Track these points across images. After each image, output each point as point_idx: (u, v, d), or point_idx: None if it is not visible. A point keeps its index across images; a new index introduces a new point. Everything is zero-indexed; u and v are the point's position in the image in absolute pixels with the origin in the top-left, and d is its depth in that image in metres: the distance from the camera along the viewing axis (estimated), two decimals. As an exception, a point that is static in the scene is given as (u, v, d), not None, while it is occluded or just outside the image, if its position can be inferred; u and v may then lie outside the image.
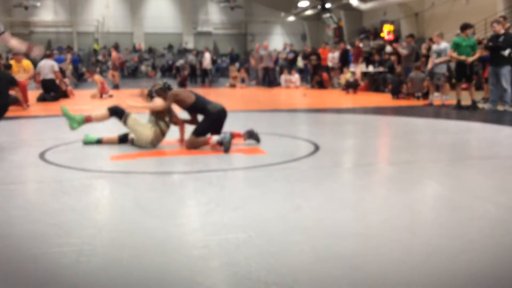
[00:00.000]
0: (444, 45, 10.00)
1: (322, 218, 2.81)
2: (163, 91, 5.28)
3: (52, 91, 12.54)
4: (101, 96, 13.28)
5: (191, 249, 2.34)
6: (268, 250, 2.31)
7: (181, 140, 5.36)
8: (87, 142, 5.40)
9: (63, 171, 4.14)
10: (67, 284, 1.99)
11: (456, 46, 9.35)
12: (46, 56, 13.01)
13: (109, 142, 5.35)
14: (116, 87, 16.97)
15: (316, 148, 5.07)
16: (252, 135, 5.38)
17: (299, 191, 3.46)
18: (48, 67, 12.64)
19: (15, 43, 5.38)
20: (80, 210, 3.04)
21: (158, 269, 2.13)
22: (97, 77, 13.98)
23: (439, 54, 9.93)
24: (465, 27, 9.36)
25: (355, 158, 4.95)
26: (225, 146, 4.89)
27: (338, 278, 2.03)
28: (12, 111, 9.29)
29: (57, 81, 12.89)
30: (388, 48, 14.90)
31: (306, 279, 2.01)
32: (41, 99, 12.09)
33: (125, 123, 5.21)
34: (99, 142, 5.40)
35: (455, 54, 9.36)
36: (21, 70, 10.78)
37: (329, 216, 2.85)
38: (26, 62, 10.73)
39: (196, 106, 5.21)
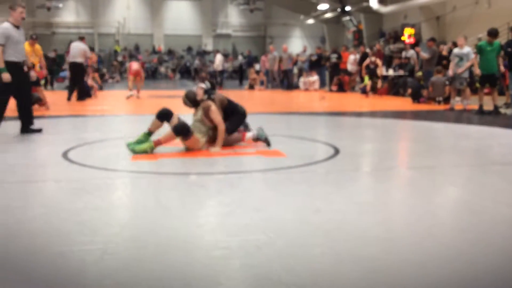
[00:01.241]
0: (467, 49, 9.89)
1: (342, 221, 2.81)
2: (207, 97, 5.24)
3: (78, 76, 12.39)
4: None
5: (213, 250, 2.36)
6: (288, 252, 2.33)
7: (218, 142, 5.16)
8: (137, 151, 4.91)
9: (86, 170, 4.21)
10: (93, 281, 2.03)
11: (480, 51, 9.23)
12: (80, 38, 13.01)
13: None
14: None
15: (336, 151, 5.07)
16: (259, 139, 5.41)
17: (319, 194, 3.47)
18: (79, 50, 12.45)
19: None
20: (103, 209, 3.09)
21: (180, 268, 2.16)
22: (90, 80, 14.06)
23: (461, 58, 9.82)
24: (494, 33, 9.18)
25: (375, 162, 4.94)
26: (267, 141, 5.30)
27: (358, 281, 2.03)
28: (34, 110, 9.46)
29: (88, 67, 12.87)
30: (411, 52, 14.76)
31: (326, 281, 2.02)
32: (70, 95, 12.24)
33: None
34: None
35: (476, 63, 9.25)
36: (33, 54, 10.90)
37: (349, 219, 2.86)
38: (38, 47, 10.84)
39: (228, 107, 5.40)
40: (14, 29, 6.10)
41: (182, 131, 4.84)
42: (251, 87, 19.46)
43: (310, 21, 31.13)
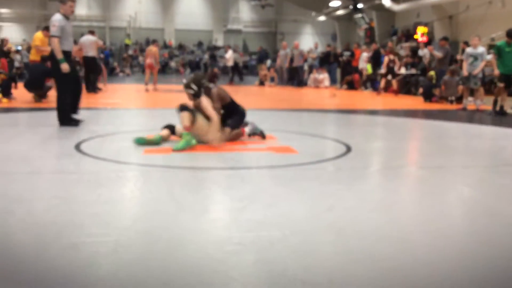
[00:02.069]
0: (481, 49, 9.79)
1: (355, 219, 2.79)
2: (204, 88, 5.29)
3: (93, 70, 12.52)
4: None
5: (226, 245, 2.35)
6: (302, 249, 2.31)
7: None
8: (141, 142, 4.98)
9: (98, 163, 4.21)
10: (106, 273, 2.03)
11: (498, 51, 9.09)
12: (90, 32, 13.14)
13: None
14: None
15: (348, 149, 5.04)
16: (255, 133, 5.55)
17: (331, 191, 3.45)
18: (90, 44, 12.57)
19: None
20: (116, 202, 3.10)
21: (193, 262, 2.16)
22: None
23: (475, 58, 9.73)
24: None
25: (387, 161, 4.90)
26: (262, 133, 5.51)
27: (372, 280, 2.01)
28: (46, 102, 9.51)
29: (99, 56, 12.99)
30: (424, 51, 14.65)
31: (341, 279, 2.00)
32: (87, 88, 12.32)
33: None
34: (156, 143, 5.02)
35: (495, 63, 9.13)
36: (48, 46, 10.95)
37: (362, 217, 2.84)
38: None
39: (230, 105, 5.43)
40: (65, 21, 6.28)
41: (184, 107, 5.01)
42: (261, 83, 19.42)
43: (322, 18, 30.97)
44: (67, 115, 6.33)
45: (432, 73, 12.62)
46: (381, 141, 6.12)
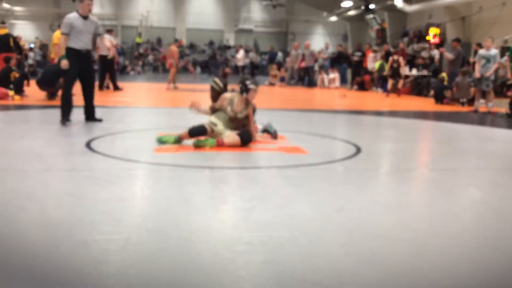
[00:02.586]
0: (494, 51, 9.71)
1: (365, 221, 2.78)
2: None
3: (108, 68, 12.74)
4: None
5: (235, 245, 2.35)
6: (312, 250, 2.31)
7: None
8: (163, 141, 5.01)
9: (109, 161, 4.24)
10: (116, 270, 2.04)
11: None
12: (107, 31, 13.19)
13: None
14: None
15: (358, 150, 5.02)
16: (268, 131, 5.59)
17: (341, 192, 3.44)
18: (104, 42, 12.70)
19: (106, 42, 7.17)
20: (126, 200, 3.11)
21: (203, 261, 2.16)
22: None
23: (488, 60, 9.66)
24: None
25: (397, 162, 4.88)
26: (274, 134, 5.53)
27: (383, 283, 2.00)
28: (59, 100, 9.58)
29: (113, 55, 13.06)
30: (435, 52, 14.57)
31: (351, 281, 2.00)
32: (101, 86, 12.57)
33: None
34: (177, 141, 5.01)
35: (509, 66, 9.05)
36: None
37: (373, 219, 2.82)
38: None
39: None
40: (80, 19, 6.30)
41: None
42: (272, 84, 19.40)
43: (333, 18, 30.89)
44: (64, 112, 6.28)
45: (443, 74, 12.54)
46: (392, 142, 6.09)
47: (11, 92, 9.76)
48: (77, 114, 6.53)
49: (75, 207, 2.89)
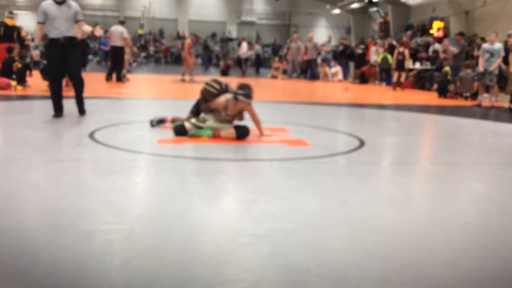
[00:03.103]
0: (498, 45, 9.66)
1: (369, 214, 2.77)
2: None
3: (118, 59, 12.86)
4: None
5: (239, 236, 2.35)
6: (316, 243, 2.30)
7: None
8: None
9: (111, 152, 4.23)
10: (120, 260, 2.03)
11: None
12: (119, 22, 13.48)
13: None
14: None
15: (361, 143, 5.01)
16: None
17: (344, 185, 3.43)
18: (118, 33, 12.86)
19: (86, 28, 6.23)
20: (129, 190, 3.11)
21: (206, 252, 2.15)
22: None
23: (492, 54, 9.61)
24: None
25: (401, 156, 4.86)
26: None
27: (387, 275, 2.00)
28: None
29: (127, 49, 13.32)
30: (437, 46, 14.50)
31: (355, 274, 1.99)
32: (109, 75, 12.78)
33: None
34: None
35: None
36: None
37: (376, 212, 2.81)
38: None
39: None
40: (54, 5, 5.89)
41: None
42: (274, 76, 19.35)
43: (336, 11, 30.75)
44: (54, 106, 6.06)
45: (447, 68, 12.49)
46: (395, 136, 6.08)
47: (13, 83, 9.75)
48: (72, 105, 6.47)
49: (78, 197, 2.88)
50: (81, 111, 6.28)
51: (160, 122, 5.54)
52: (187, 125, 4.99)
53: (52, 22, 5.87)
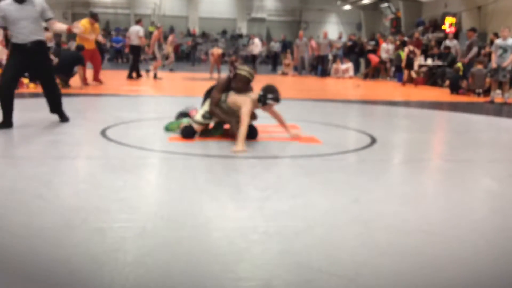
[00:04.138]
0: (511, 41, 9.56)
1: (382, 212, 2.76)
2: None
3: (135, 57, 13.41)
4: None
5: (251, 234, 2.35)
6: (328, 241, 2.30)
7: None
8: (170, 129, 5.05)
9: (123, 149, 4.25)
10: (132, 259, 2.04)
11: None
12: (136, 22, 14.04)
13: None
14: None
15: (373, 140, 4.98)
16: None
17: (356, 183, 3.41)
18: (135, 32, 13.32)
19: (59, 26, 5.41)
20: (141, 188, 3.12)
21: (218, 250, 2.16)
22: None
23: (505, 50, 9.50)
24: None
25: (413, 153, 4.83)
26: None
27: (401, 274, 1.99)
28: (73, 88, 9.63)
29: (146, 49, 14.03)
30: (454, 42, 14.39)
31: (368, 272, 1.98)
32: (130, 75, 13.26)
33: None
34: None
35: None
36: (92, 33, 11.12)
37: (389, 210, 2.80)
38: (96, 26, 11.17)
39: None
40: (14, 5, 5.00)
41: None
42: (285, 73, 19.30)
43: (347, 7, 30.61)
44: (3, 115, 5.09)
45: (459, 64, 12.38)
46: (407, 133, 6.04)
47: (26, 80, 9.82)
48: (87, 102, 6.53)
49: (91, 194, 2.90)
50: (63, 119, 5.55)
51: (185, 115, 5.33)
52: (194, 125, 4.80)
53: (13, 26, 5.02)
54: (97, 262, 2.00)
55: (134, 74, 13.41)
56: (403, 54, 15.00)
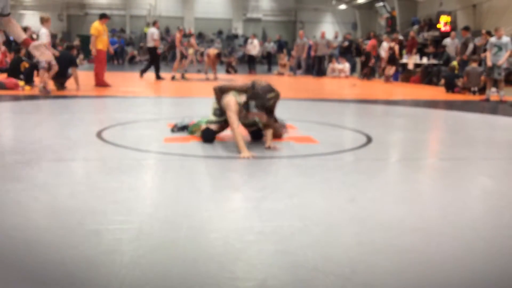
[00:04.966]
0: (506, 39, 9.60)
1: (378, 210, 2.77)
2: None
3: (154, 58, 13.78)
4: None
5: (247, 234, 2.35)
6: (324, 240, 2.30)
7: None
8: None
9: (119, 151, 4.25)
10: (128, 260, 2.04)
11: None
12: (153, 24, 14.29)
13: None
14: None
15: (369, 139, 4.99)
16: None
17: (353, 182, 3.42)
18: (150, 35, 13.71)
19: (16, 30, 3.99)
20: (137, 189, 3.12)
21: (214, 250, 2.16)
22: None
23: (499, 48, 9.54)
24: None
25: (409, 152, 4.85)
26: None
27: (397, 272, 1.99)
28: (68, 90, 9.61)
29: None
30: (455, 40, 14.47)
31: (364, 270, 1.98)
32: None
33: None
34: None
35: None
36: (105, 33, 11.15)
37: (385, 209, 2.81)
38: (104, 26, 11.26)
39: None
40: None
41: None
42: (281, 73, 19.32)
43: (342, 6, 30.68)
44: None
45: (454, 63, 12.42)
46: (402, 131, 6.05)
47: (21, 83, 9.81)
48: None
49: (87, 196, 2.90)
50: None
51: (184, 128, 5.11)
52: (211, 126, 4.58)
53: None
54: (93, 264, 2.00)
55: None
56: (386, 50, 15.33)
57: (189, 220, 2.53)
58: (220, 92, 4.57)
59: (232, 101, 4.33)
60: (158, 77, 13.85)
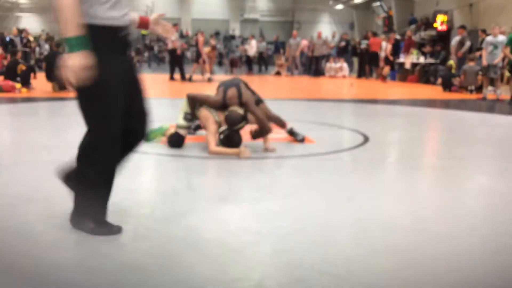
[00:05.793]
0: (501, 37, 9.62)
1: (375, 210, 2.77)
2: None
3: (175, 60, 14.00)
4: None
5: (244, 235, 2.35)
6: (321, 240, 2.30)
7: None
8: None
9: (116, 152, 4.23)
10: (125, 262, 2.04)
11: (510, 42, 8.99)
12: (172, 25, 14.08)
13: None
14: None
15: (366, 139, 4.99)
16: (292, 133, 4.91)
17: (350, 182, 3.42)
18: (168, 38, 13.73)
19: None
20: (134, 190, 3.11)
21: (211, 251, 2.16)
22: None
23: (495, 46, 9.56)
24: None
25: (406, 151, 4.85)
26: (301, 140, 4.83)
27: (394, 272, 1.99)
28: (65, 92, 9.59)
29: (178, 51, 14.18)
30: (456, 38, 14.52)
31: (360, 270, 1.99)
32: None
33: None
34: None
35: (507, 51, 9.00)
36: None
37: (382, 208, 2.81)
38: None
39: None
40: None
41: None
42: (278, 73, 19.31)
43: (339, 6, 30.69)
44: None
45: (451, 62, 12.44)
46: (400, 131, 6.05)
47: (18, 85, 9.78)
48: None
49: (83, 198, 2.88)
50: None
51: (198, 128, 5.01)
52: (181, 131, 4.49)
53: None
54: (89, 266, 1.99)
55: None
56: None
57: (185, 221, 2.53)
58: (193, 101, 4.48)
59: (210, 120, 4.30)
60: (183, 77, 13.90)
